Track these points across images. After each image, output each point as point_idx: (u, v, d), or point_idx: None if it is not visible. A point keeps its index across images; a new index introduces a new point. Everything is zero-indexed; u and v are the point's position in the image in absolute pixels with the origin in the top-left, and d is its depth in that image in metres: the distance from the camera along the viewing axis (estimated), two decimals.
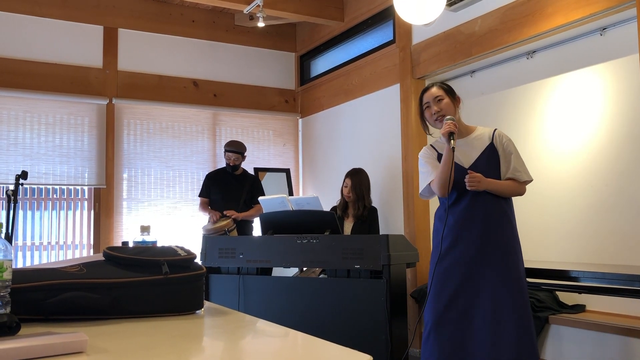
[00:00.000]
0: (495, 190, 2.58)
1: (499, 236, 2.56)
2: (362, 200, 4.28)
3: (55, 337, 0.92)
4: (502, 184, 2.60)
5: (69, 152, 5.13)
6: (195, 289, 1.35)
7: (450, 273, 2.58)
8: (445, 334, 2.54)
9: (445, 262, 2.59)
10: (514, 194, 2.64)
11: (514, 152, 2.64)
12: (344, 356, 0.94)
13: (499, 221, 2.58)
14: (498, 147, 2.64)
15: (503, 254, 2.54)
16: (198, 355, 0.99)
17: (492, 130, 2.68)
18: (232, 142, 4.85)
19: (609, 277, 2.56)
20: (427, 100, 2.70)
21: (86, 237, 5.23)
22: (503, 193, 2.60)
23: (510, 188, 2.61)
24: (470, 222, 2.58)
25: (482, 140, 2.67)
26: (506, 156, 2.63)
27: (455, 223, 2.61)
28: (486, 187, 2.56)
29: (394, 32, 4.84)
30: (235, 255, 3.74)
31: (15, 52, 4.96)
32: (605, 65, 3.48)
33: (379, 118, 5.00)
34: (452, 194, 2.64)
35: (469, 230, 2.57)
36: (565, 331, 3.31)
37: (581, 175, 3.58)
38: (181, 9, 5.66)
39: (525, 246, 3.87)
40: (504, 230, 2.58)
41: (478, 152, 2.64)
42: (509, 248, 2.56)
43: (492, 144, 2.64)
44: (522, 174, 2.63)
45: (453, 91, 2.74)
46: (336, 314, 3.35)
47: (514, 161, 2.62)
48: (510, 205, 2.66)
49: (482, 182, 2.54)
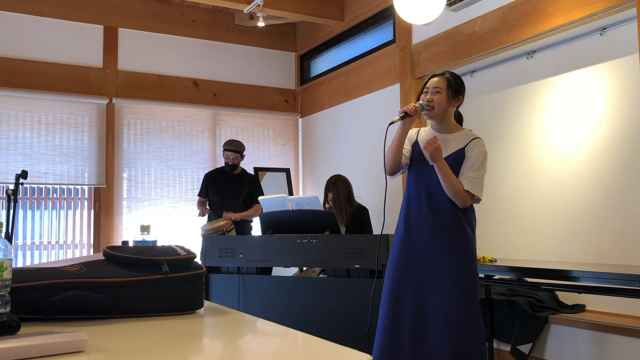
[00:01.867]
0: (441, 172, 2.49)
1: (448, 235, 2.52)
2: (348, 203, 4.31)
3: (55, 336, 0.92)
4: (450, 174, 2.49)
5: (69, 152, 5.13)
6: (195, 288, 1.35)
7: (393, 260, 2.62)
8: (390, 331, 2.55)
9: (394, 250, 2.62)
10: (452, 192, 2.49)
11: (476, 165, 2.53)
12: (344, 355, 0.94)
13: (451, 223, 2.52)
14: (466, 154, 2.56)
15: (444, 254, 2.50)
16: (198, 354, 0.99)
17: (472, 138, 2.59)
18: (230, 141, 4.85)
19: (608, 277, 2.56)
20: (428, 85, 2.63)
21: (86, 237, 5.23)
22: (444, 182, 2.49)
23: (454, 185, 2.48)
24: (418, 213, 2.57)
25: (457, 143, 2.60)
26: (468, 165, 2.54)
27: (407, 216, 2.62)
28: (437, 160, 2.48)
29: (394, 32, 4.84)
30: (235, 255, 3.74)
31: (16, 51, 4.96)
32: (605, 65, 3.48)
33: (379, 118, 5.00)
34: (410, 180, 2.65)
35: (418, 226, 2.56)
36: (565, 331, 3.31)
37: (581, 175, 3.58)
38: (181, 9, 5.66)
39: (526, 246, 3.89)
40: (454, 231, 2.52)
41: (447, 152, 2.59)
42: (456, 248, 2.50)
43: (463, 150, 2.57)
44: (469, 183, 2.49)
45: (458, 88, 2.62)
46: (336, 313, 3.35)
47: (471, 171, 2.52)
48: (467, 211, 2.57)
49: (438, 150, 2.47)
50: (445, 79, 2.60)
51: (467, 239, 2.53)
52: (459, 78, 2.65)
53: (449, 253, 2.49)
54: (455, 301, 2.44)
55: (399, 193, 4.68)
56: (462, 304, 2.45)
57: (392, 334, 2.53)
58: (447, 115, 2.63)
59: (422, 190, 2.59)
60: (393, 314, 2.54)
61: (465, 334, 2.43)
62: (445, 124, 2.64)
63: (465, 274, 2.49)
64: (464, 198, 2.50)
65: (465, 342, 2.43)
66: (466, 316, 2.44)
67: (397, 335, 2.52)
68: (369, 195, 4.78)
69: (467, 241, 2.53)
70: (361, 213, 4.33)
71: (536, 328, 3.37)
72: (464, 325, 2.43)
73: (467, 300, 2.46)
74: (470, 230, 2.56)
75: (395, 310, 2.55)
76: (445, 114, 2.61)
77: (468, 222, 2.56)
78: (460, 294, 2.45)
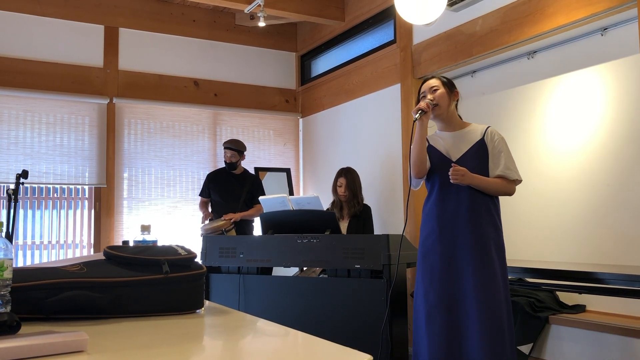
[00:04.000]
0: (480, 186, 2.51)
1: (480, 235, 2.50)
2: (357, 198, 4.33)
3: (56, 336, 0.92)
4: (489, 181, 2.53)
5: (70, 152, 5.13)
6: (196, 288, 1.35)
7: (434, 269, 2.56)
8: (436, 329, 2.52)
9: (429, 258, 2.58)
10: (501, 192, 2.56)
11: (504, 151, 2.57)
12: (344, 356, 0.94)
13: (482, 219, 2.52)
14: (488, 144, 2.59)
15: (482, 253, 2.48)
16: (198, 354, 0.99)
17: (485, 127, 2.65)
18: (229, 140, 4.87)
19: (609, 277, 2.56)
20: (423, 90, 2.69)
21: (87, 236, 5.23)
22: (489, 190, 2.53)
23: (498, 186, 2.54)
24: (452, 217, 2.55)
25: (473, 135, 2.64)
26: (496, 154, 2.57)
27: (437, 217, 2.58)
28: (470, 182, 2.50)
29: (394, 32, 4.84)
30: (236, 255, 3.74)
31: (16, 51, 4.97)
32: (606, 66, 3.48)
33: (380, 118, 5.00)
34: (434, 185, 2.62)
35: (451, 226, 2.54)
36: (566, 331, 3.31)
37: (582, 176, 3.57)
38: (182, 9, 5.66)
39: (526, 246, 3.88)
40: (485, 229, 2.51)
41: (467, 146, 2.61)
42: (488, 247, 2.49)
43: (483, 140, 2.60)
44: (512, 172, 2.55)
45: (452, 84, 2.72)
46: (336, 313, 3.35)
47: (505, 159, 2.56)
48: (496, 205, 2.60)
49: (466, 175, 2.47)
50: (438, 79, 2.71)
51: (498, 233, 2.55)
52: (448, 78, 2.78)
53: (485, 250, 2.49)
54: (489, 301, 2.44)
55: (400, 193, 4.68)
56: (497, 303, 2.46)
57: (452, 341, 2.50)
58: (450, 111, 2.67)
59: (449, 188, 2.57)
60: (449, 324, 2.51)
61: (499, 330, 2.44)
62: (452, 122, 2.68)
63: (500, 271, 2.51)
64: (511, 189, 2.58)
65: (499, 338, 2.43)
66: (500, 313, 2.45)
67: (459, 340, 2.50)
68: (369, 196, 4.78)
69: (498, 236, 2.55)
70: (366, 210, 4.36)
71: (536, 328, 3.37)
72: (497, 323, 2.44)
73: (502, 298, 2.48)
74: (499, 222, 2.59)
75: (449, 319, 2.52)
76: (449, 110, 2.66)
77: (497, 213, 2.59)
78: (494, 292, 2.46)
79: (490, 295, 2.45)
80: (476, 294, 2.45)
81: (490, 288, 2.45)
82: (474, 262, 2.48)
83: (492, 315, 2.43)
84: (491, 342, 2.41)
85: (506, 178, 2.55)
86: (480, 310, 2.43)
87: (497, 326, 2.43)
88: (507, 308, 2.51)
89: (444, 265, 2.54)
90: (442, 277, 2.53)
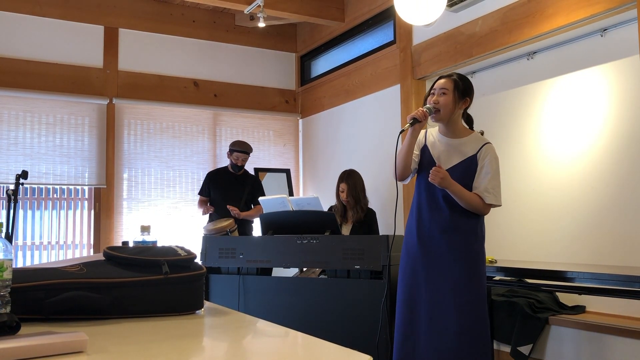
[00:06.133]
0: (455, 194, 2.48)
1: (455, 240, 2.51)
2: (360, 203, 4.26)
3: (55, 336, 0.92)
4: (466, 193, 2.48)
5: (70, 152, 5.13)
6: (196, 289, 1.35)
7: (407, 268, 2.62)
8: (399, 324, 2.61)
9: (408, 258, 2.62)
10: (472, 208, 2.50)
11: (491, 173, 2.51)
12: (344, 356, 0.94)
13: (461, 223, 2.52)
14: (479, 161, 2.53)
15: (454, 258, 2.50)
16: (198, 355, 0.99)
17: (482, 144, 2.57)
18: (240, 143, 4.82)
19: (609, 278, 2.56)
20: (435, 87, 2.60)
21: (86, 237, 5.23)
22: (462, 201, 2.49)
23: (472, 201, 2.49)
24: (431, 218, 2.56)
25: (468, 149, 2.57)
26: (483, 173, 2.52)
27: (417, 218, 2.60)
28: (447, 187, 2.47)
29: (394, 33, 4.84)
30: (236, 256, 3.74)
31: (16, 51, 4.97)
32: (606, 66, 3.48)
33: (380, 118, 5.00)
34: (420, 185, 2.63)
35: (429, 226, 2.56)
36: (565, 332, 3.31)
37: (582, 177, 3.57)
38: (182, 9, 5.67)
39: (526, 247, 3.88)
40: (463, 235, 2.52)
41: (458, 160, 2.57)
42: (462, 254, 2.50)
43: (475, 157, 2.54)
44: (490, 195, 2.49)
45: (465, 91, 2.58)
46: (336, 314, 3.35)
47: (489, 181, 2.50)
48: (479, 217, 2.57)
49: (445, 179, 2.45)
50: (452, 81, 2.56)
51: (478, 242, 2.55)
52: (466, 80, 2.62)
53: (461, 257, 2.50)
54: (466, 305, 2.47)
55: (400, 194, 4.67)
56: (473, 307, 2.47)
57: (409, 336, 2.57)
58: (454, 118, 2.59)
59: (432, 195, 2.58)
60: (409, 320, 2.58)
61: (475, 334, 2.46)
62: (453, 128, 2.61)
63: (476, 279, 2.50)
64: (485, 209, 2.53)
65: (475, 343, 2.46)
66: (477, 317, 2.48)
67: (414, 337, 2.56)
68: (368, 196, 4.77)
69: (478, 245, 2.54)
70: (370, 214, 4.30)
71: (536, 329, 3.37)
72: (473, 328, 2.46)
73: (478, 304, 2.49)
74: (480, 232, 2.57)
75: (410, 317, 2.58)
76: (451, 117, 2.57)
77: (479, 225, 2.57)
78: (471, 297, 2.48)
79: (464, 301, 2.48)
80: (441, 299, 2.49)
81: (461, 293, 2.49)
82: (447, 266, 2.51)
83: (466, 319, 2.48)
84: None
85: (482, 199, 2.50)
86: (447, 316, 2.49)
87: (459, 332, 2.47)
88: (478, 314, 2.51)
89: (417, 266, 2.58)
90: (413, 275, 2.59)
